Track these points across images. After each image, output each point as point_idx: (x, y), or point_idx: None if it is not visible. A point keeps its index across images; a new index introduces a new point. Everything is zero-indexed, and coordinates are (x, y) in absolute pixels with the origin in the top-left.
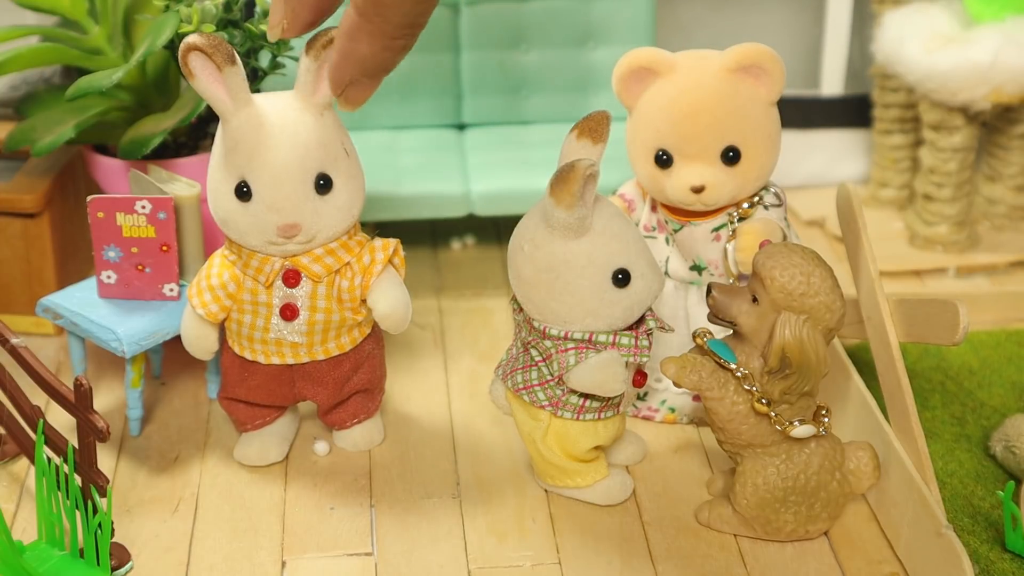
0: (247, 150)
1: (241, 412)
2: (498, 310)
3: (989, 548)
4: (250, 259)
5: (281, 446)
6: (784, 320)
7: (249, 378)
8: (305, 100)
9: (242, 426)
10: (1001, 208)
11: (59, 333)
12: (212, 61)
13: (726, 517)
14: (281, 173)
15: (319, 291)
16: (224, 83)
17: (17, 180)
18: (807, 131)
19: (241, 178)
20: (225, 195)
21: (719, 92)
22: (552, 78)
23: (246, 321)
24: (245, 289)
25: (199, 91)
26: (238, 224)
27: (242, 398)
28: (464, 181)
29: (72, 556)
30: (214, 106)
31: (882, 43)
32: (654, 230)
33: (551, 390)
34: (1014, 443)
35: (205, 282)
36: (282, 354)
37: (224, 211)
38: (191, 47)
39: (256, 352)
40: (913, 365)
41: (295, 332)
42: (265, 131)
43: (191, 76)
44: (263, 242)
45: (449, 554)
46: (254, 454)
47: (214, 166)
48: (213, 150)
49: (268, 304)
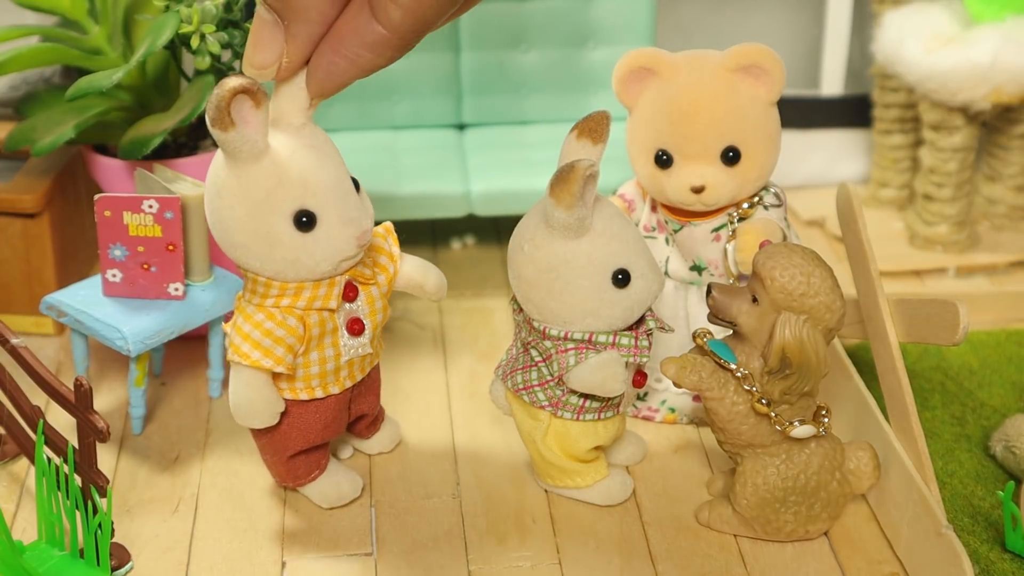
0: (297, 178)
1: (301, 466)
2: (498, 310)
3: (989, 548)
4: (312, 290)
5: (349, 474)
6: (784, 320)
7: (314, 421)
8: (290, 123)
9: (306, 477)
10: (1001, 208)
11: (59, 333)
12: (253, 99)
13: (726, 517)
14: (340, 184)
15: (372, 294)
16: (262, 121)
17: (17, 180)
18: (807, 131)
19: (299, 208)
20: (280, 238)
21: (719, 92)
22: (552, 78)
23: (314, 358)
24: (312, 324)
25: (235, 139)
26: (310, 257)
27: (303, 448)
28: (464, 181)
29: (72, 556)
30: (246, 150)
31: (882, 43)
32: (654, 230)
33: (551, 390)
34: (1014, 443)
35: (268, 339)
36: (353, 375)
37: (284, 255)
38: (237, 90)
39: (329, 385)
40: (913, 365)
41: (365, 345)
42: (302, 153)
43: (232, 125)
44: (335, 264)
45: (449, 554)
46: (335, 495)
47: (245, 220)
48: (227, 214)
49: (335, 328)
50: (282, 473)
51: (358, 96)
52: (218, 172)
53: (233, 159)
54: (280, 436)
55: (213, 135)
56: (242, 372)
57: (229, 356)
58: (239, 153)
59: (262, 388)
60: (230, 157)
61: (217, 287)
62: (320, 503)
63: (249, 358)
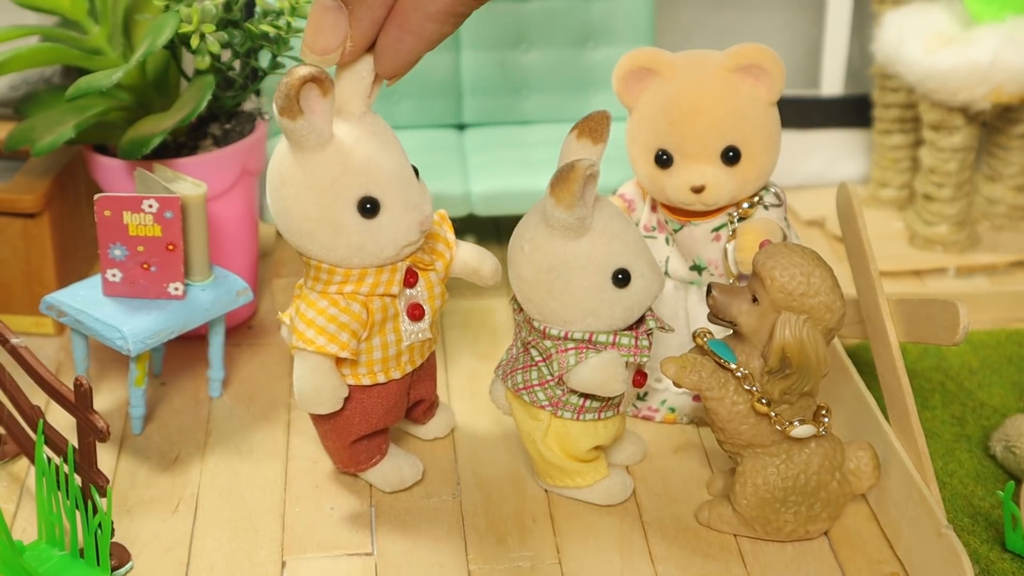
0: (361, 165)
1: (363, 451)
2: (498, 310)
3: (989, 548)
4: (375, 275)
5: (409, 458)
6: (784, 320)
7: (377, 406)
8: (352, 112)
9: (368, 462)
10: (1001, 208)
11: (59, 333)
12: (320, 88)
13: (726, 517)
14: (402, 171)
15: (431, 279)
16: (328, 110)
17: (17, 180)
18: (807, 131)
19: (364, 195)
20: (345, 225)
21: (719, 92)
22: (552, 78)
23: (376, 343)
24: (375, 310)
25: (303, 128)
26: (375, 243)
27: (365, 433)
28: (464, 181)
29: (72, 556)
30: (313, 139)
31: (882, 43)
32: (654, 230)
33: (551, 390)
34: (1014, 443)
35: (333, 325)
36: (413, 360)
37: (350, 242)
38: (307, 79)
39: (391, 370)
40: (913, 365)
41: (425, 330)
42: (365, 141)
43: (300, 114)
44: (398, 249)
45: (449, 554)
46: (397, 478)
47: (311, 208)
48: (293, 203)
49: (396, 314)
50: (344, 459)
51: None
52: (282, 161)
53: (299, 148)
54: (343, 422)
55: (280, 124)
56: (307, 358)
57: (293, 343)
58: (305, 142)
59: (327, 374)
60: (296, 146)
61: (217, 287)
62: (382, 487)
63: (314, 344)
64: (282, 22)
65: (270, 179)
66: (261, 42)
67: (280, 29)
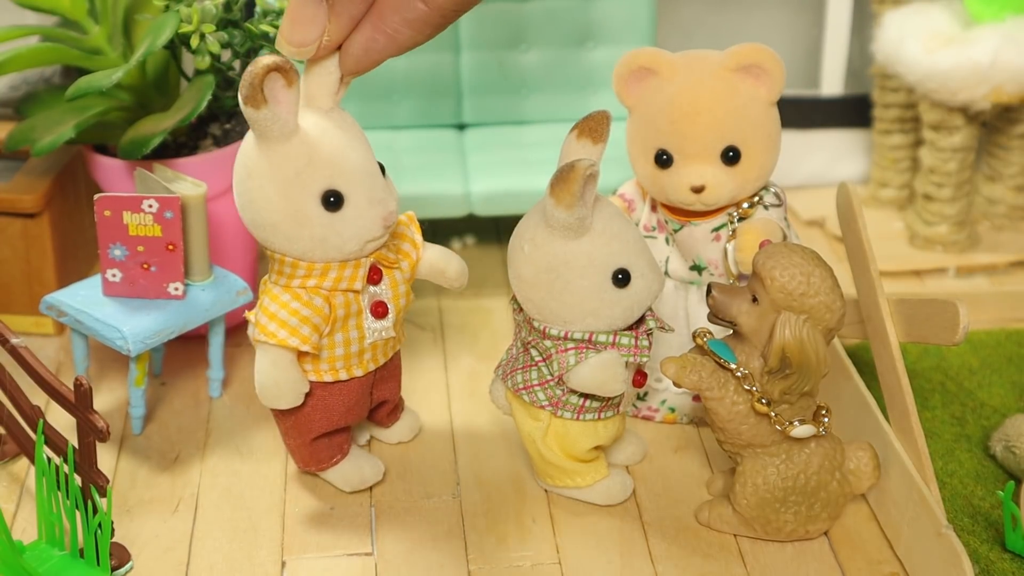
0: (327, 157)
1: (323, 449)
2: (498, 310)
3: (989, 548)
4: (338, 271)
5: (370, 459)
6: (784, 320)
7: (338, 403)
8: (320, 107)
9: (328, 461)
10: (1001, 208)
11: (59, 333)
12: (285, 78)
13: (726, 517)
14: (368, 165)
15: (395, 278)
16: (293, 101)
17: (17, 180)
18: (807, 131)
19: (328, 187)
20: (309, 217)
21: (719, 92)
22: (552, 78)
23: (339, 340)
24: (338, 305)
25: (266, 117)
26: (338, 236)
27: (326, 430)
28: (464, 181)
29: (72, 556)
30: (277, 129)
31: (882, 43)
32: (654, 230)
33: (551, 390)
34: (1014, 443)
35: (295, 318)
36: (376, 358)
37: (313, 234)
38: (271, 68)
39: (352, 367)
40: (913, 365)
41: (388, 328)
42: (331, 135)
43: (264, 103)
44: (362, 244)
45: (449, 554)
46: (357, 478)
47: (275, 199)
48: (257, 194)
49: (359, 310)
50: (305, 457)
51: (358, 96)
52: (248, 153)
53: (263, 138)
54: (304, 418)
55: (245, 113)
56: (268, 352)
57: (255, 336)
58: (270, 132)
59: (288, 368)
60: (260, 136)
61: (217, 287)
62: (342, 487)
63: (276, 337)
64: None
65: (236, 172)
66: (261, 42)
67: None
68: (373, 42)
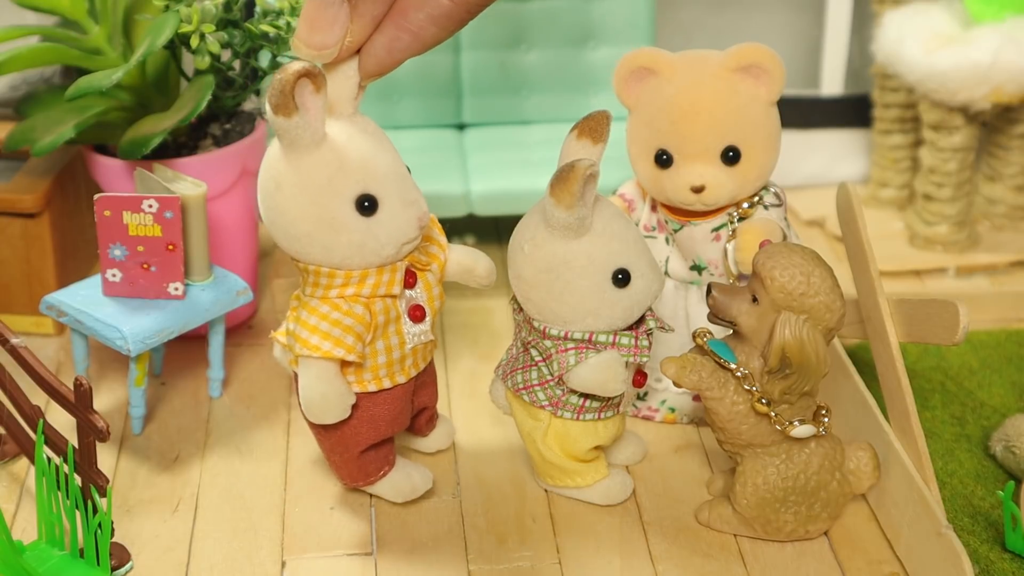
0: (357, 162)
1: (371, 462)
2: (498, 310)
3: (989, 548)
4: (376, 276)
5: (417, 467)
6: (784, 320)
7: (383, 413)
8: (340, 112)
9: (377, 474)
10: (1001, 208)
11: (59, 333)
12: (314, 84)
13: (726, 517)
14: (397, 167)
15: (428, 280)
16: (321, 107)
17: (17, 180)
18: (807, 131)
19: (361, 192)
20: (344, 223)
21: (719, 92)
22: (552, 78)
23: (380, 347)
24: (378, 312)
25: (298, 125)
26: (375, 239)
27: (373, 442)
28: (464, 181)
29: (72, 556)
30: (307, 137)
31: (882, 43)
32: (654, 230)
33: (551, 390)
34: (1014, 443)
35: (338, 329)
36: (417, 363)
37: (351, 240)
38: (302, 74)
39: (395, 374)
40: (913, 365)
41: (427, 331)
42: (358, 139)
43: (296, 111)
44: (398, 247)
45: (449, 554)
46: (408, 487)
47: (308, 209)
48: (290, 204)
49: (398, 315)
50: (353, 472)
51: None
52: (275, 165)
53: (292, 148)
54: (350, 432)
55: (274, 123)
56: (312, 366)
57: (297, 351)
58: (300, 140)
59: (333, 380)
60: (289, 146)
61: (217, 287)
62: (394, 499)
63: (320, 349)
64: (282, 22)
65: (263, 186)
66: (261, 42)
67: (280, 29)
68: (397, 41)
